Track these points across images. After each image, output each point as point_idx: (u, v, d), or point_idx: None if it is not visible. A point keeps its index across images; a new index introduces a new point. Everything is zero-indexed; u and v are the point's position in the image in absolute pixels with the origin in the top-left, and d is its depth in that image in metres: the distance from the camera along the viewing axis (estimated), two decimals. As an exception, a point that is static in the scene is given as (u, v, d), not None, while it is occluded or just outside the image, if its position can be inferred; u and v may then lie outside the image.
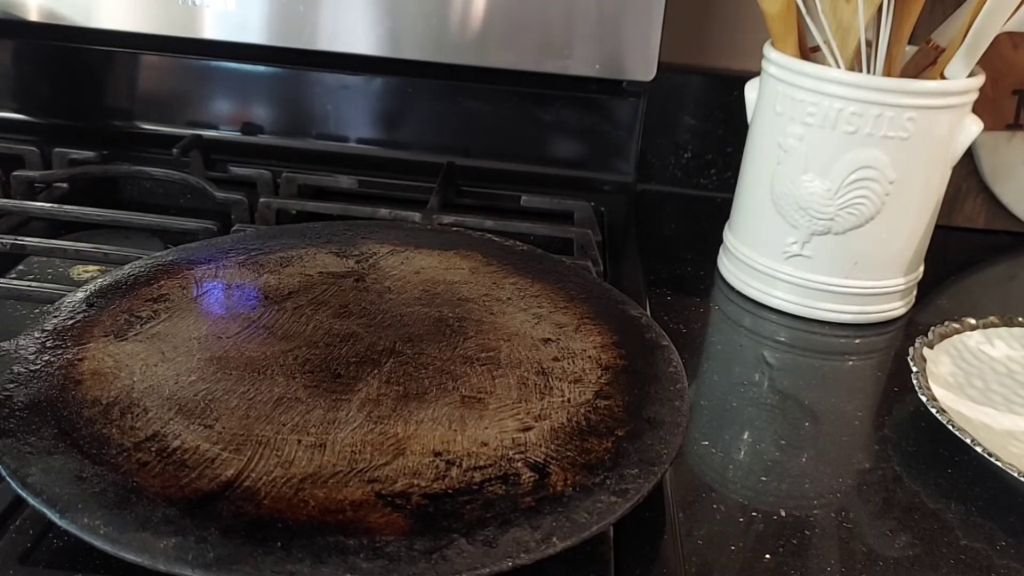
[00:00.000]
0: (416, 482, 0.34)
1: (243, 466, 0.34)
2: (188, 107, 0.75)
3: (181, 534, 0.30)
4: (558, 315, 0.47)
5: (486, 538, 0.31)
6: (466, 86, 0.73)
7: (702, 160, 0.78)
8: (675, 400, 0.40)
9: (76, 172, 0.66)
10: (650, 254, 0.66)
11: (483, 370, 0.42)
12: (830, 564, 0.38)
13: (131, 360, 0.40)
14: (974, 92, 0.54)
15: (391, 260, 0.52)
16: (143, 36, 0.70)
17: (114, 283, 0.47)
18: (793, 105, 0.54)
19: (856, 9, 0.51)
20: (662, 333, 0.46)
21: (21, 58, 0.74)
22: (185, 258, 0.50)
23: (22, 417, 0.35)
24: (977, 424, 0.46)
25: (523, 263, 0.53)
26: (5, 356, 0.39)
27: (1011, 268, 0.71)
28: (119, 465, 0.34)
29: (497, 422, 0.38)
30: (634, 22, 0.67)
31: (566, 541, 0.31)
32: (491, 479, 0.34)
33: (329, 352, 0.43)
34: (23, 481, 0.32)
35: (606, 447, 0.37)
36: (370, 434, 0.37)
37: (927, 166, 0.55)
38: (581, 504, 0.33)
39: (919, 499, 0.42)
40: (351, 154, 0.75)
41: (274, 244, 0.53)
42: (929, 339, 0.51)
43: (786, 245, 0.57)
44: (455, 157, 0.74)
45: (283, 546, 0.30)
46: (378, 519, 0.32)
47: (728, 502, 0.41)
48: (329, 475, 0.34)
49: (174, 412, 0.37)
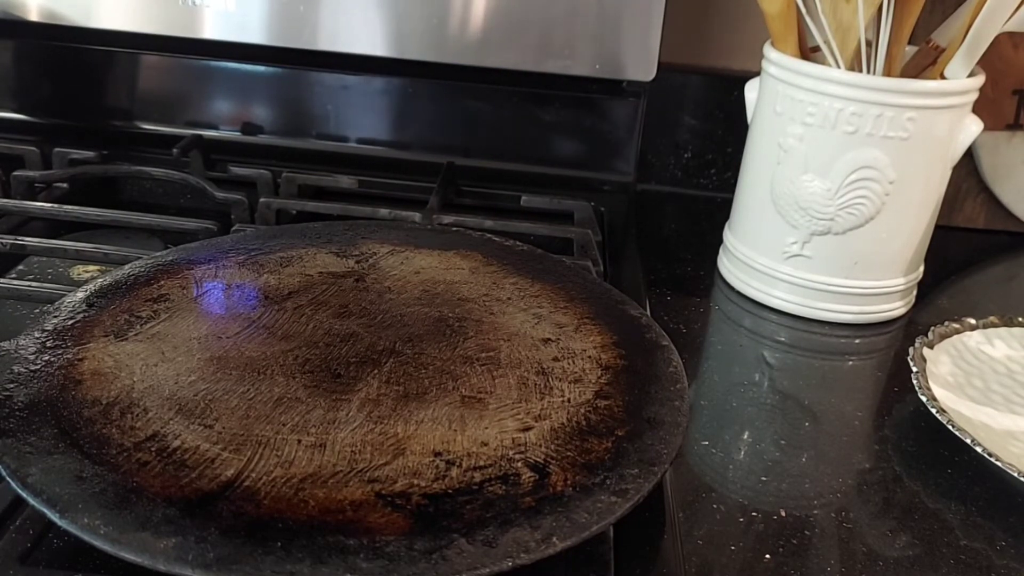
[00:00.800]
0: (416, 482, 0.34)
1: (243, 466, 0.34)
2: (188, 107, 0.75)
3: (181, 534, 0.30)
4: (558, 315, 0.47)
5: (486, 538, 0.31)
6: (466, 86, 0.73)
7: (702, 160, 0.78)
8: (675, 400, 0.40)
9: (76, 172, 0.66)
10: (650, 254, 0.66)
11: (483, 370, 0.42)
12: (830, 564, 0.38)
13: (131, 360, 0.40)
14: (974, 92, 0.54)
15: (391, 260, 0.52)
16: (143, 36, 0.70)
17: (114, 283, 0.47)
18: (793, 105, 0.54)
19: (856, 9, 0.51)
20: (662, 333, 0.46)
21: (21, 58, 0.74)
22: (185, 258, 0.50)
23: (22, 417, 0.35)
24: (977, 424, 0.46)
25: (523, 263, 0.53)
26: (5, 356, 0.39)
27: (1011, 268, 0.71)
28: (119, 465, 0.34)
29: (497, 422, 0.38)
30: (634, 22, 0.67)
31: (566, 541, 0.31)
32: (491, 479, 0.34)
33: (329, 352, 0.43)
34: (23, 481, 0.32)
35: (606, 447, 0.37)
36: (370, 434, 0.37)
37: (927, 166, 0.55)
38: (581, 504, 0.33)
39: (919, 499, 0.42)
40: (351, 154, 0.75)
41: (274, 244, 0.53)
42: (929, 339, 0.51)
43: (786, 245, 0.57)
44: (455, 157, 0.74)
45: (283, 546, 0.30)
46: (378, 519, 0.32)
47: (728, 502, 0.41)
48: (329, 475, 0.34)
49: (174, 412, 0.37)
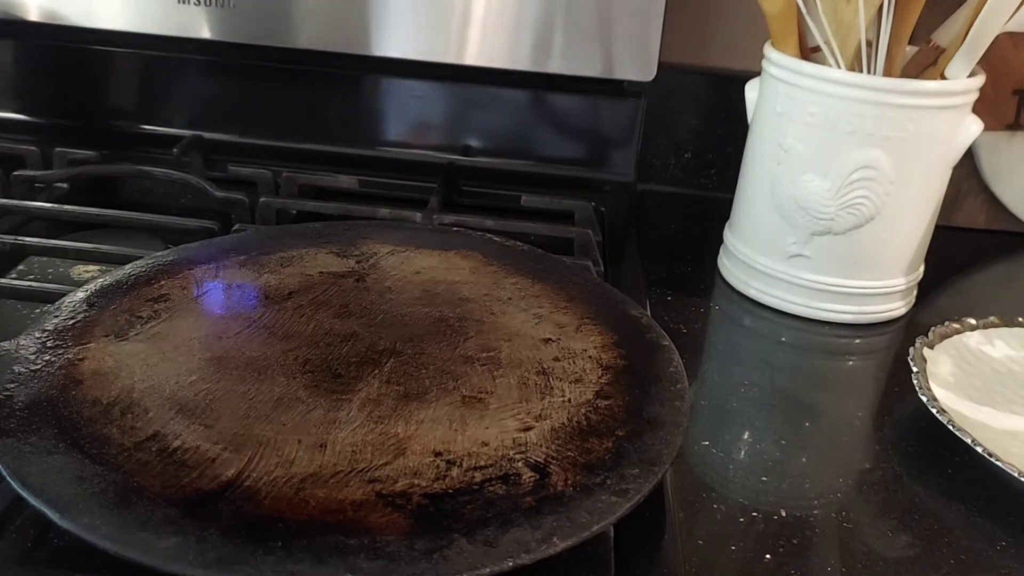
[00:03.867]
0: (417, 482, 0.34)
1: (243, 466, 0.34)
2: (188, 107, 0.75)
3: (181, 534, 0.30)
4: (559, 315, 0.47)
5: (487, 538, 0.31)
6: (466, 86, 0.73)
7: (702, 160, 0.78)
8: (675, 400, 0.40)
9: (76, 172, 0.66)
10: (650, 254, 0.66)
11: (484, 370, 0.42)
12: (830, 564, 0.38)
13: (131, 360, 0.40)
14: (974, 92, 0.54)
15: (392, 260, 0.52)
16: (143, 36, 0.70)
17: (115, 283, 0.47)
18: (793, 105, 0.54)
19: (856, 9, 0.51)
20: (662, 333, 0.46)
21: (21, 58, 0.74)
22: (185, 258, 0.50)
23: (22, 417, 0.35)
24: (977, 424, 0.46)
25: (524, 263, 0.53)
26: (6, 356, 0.39)
27: (1011, 268, 0.71)
28: (119, 465, 0.33)
29: (498, 422, 0.38)
30: (634, 22, 0.67)
31: (567, 541, 0.31)
32: (492, 479, 0.34)
33: (329, 352, 0.43)
34: (23, 481, 0.32)
35: (606, 447, 0.37)
36: (371, 434, 0.37)
37: (927, 166, 0.55)
38: (582, 504, 0.33)
39: (919, 499, 0.42)
40: (351, 154, 0.75)
41: (275, 244, 0.53)
42: (929, 339, 0.51)
43: (786, 245, 0.57)
44: (455, 157, 0.74)
45: (283, 546, 0.30)
46: (378, 519, 0.32)
47: (728, 502, 0.41)
48: (330, 475, 0.34)
49: (174, 412, 0.37)
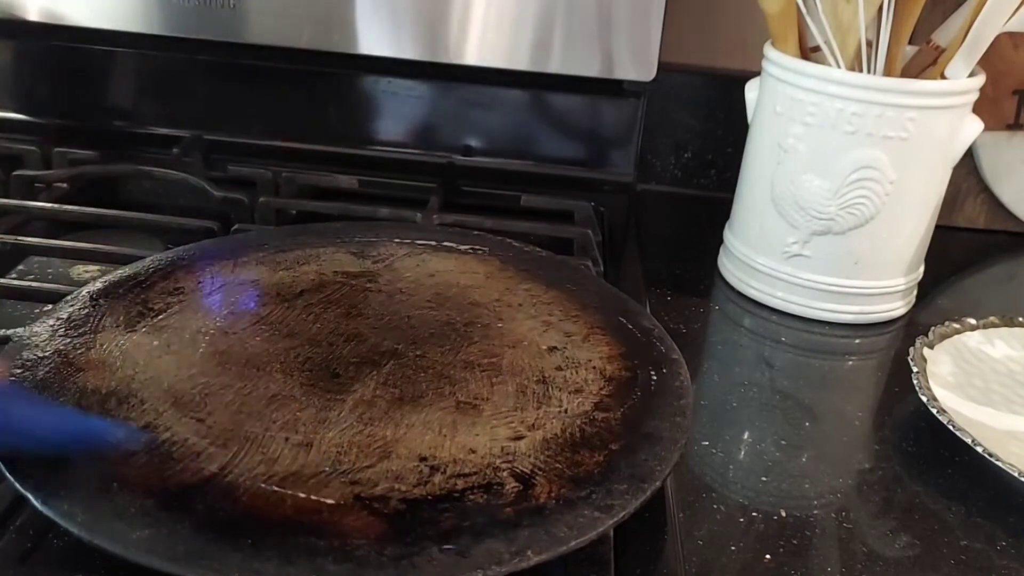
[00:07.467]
0: (397, 486, 0.33)
1: (227, 461, 0.34)
2: (188, 107, 0.75)
3: (155, 526, 0.30)
4: (568, 323, 0.47)
5: (459, 547, 0.30)
6: (466, 86, 0.73)
7: (702, 160, 0.78)
8: (677, 416, 0.39)
9: (76, 172, 0.66)
10: (650, 254, 0.66)
11: (483, 376, 0.41)
12: (830, 564, 0.38)
13: (137, 351, 0.41)
14: (974, 92, 0.54)
15: (407, 262, 0.52)
16: (143, 36, 0.70)
17: (132, 275, 0.47)
18: (793, 105, 0.54)
19: (856, 9, 0.51)
20: (673, 347, 0.44)
21: (21, 58, 0.74)
22: (203, 253, 0.50)
23: (25, 402, 0.36)
24: (977, 424, 0.46)
25: (540, 269, 0.52)
26: (18, 342, 0.40)
27: (1011, 268, 0.71)
28: (106, 454, 0.34)
29: (489, 429, 0.37)
30: (634, 22, 0.67)
31: (541, 555, 0.30)
32: (474, 487, 0.34)
33: (331, 351, 0.43)
34: (12, 466, 0.32)
35: (597, 460, 0.36)
36: (358, 435, 0.36)
37: (927, 166, 0.55)
38: (562, 518, 0.32)
39: (919, 499, 0.42)
40: (351, 154, 0.75)
41: (293, 242, 0.53)
42: (929, 339, 0.51)
43: (786, 245, 0.57)
44: (455, 157, 0.74)
45: (253, 544, 0.30)
46: (353, 521, 0.31)
47: (728, 502, 0.41)
48: (311, 475, 0.34)
49: (169, 404, 0.37)
